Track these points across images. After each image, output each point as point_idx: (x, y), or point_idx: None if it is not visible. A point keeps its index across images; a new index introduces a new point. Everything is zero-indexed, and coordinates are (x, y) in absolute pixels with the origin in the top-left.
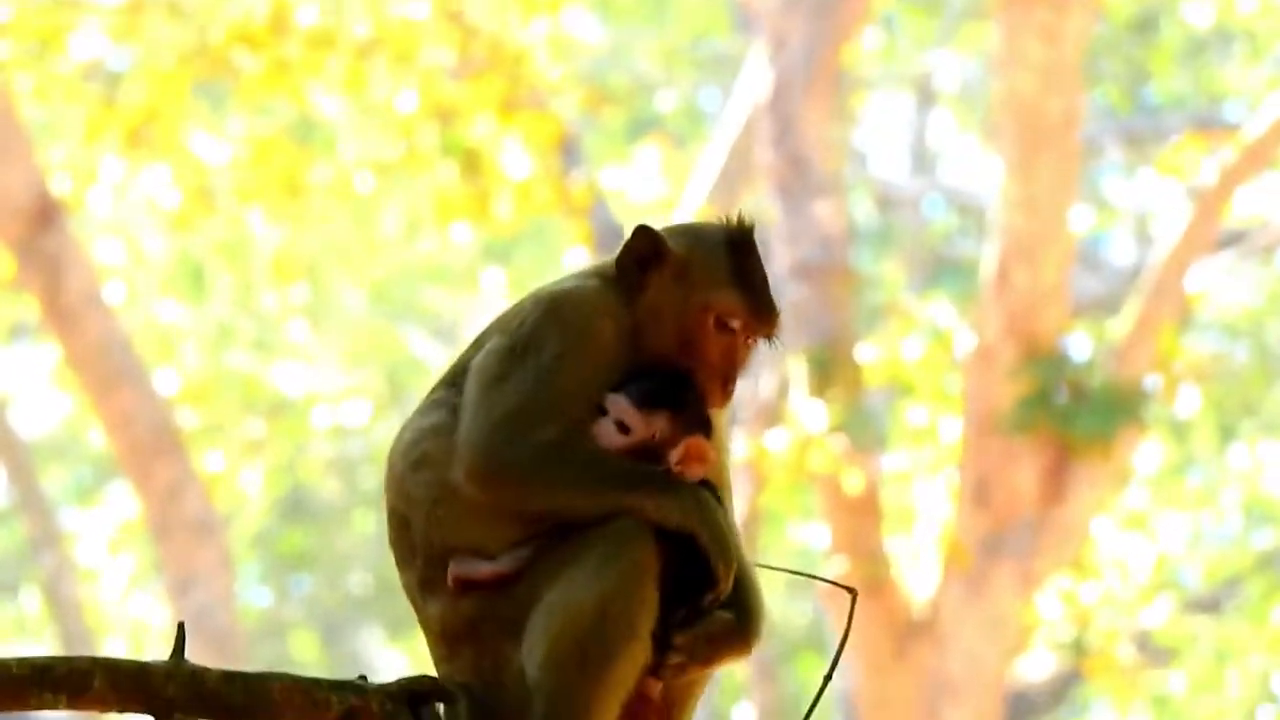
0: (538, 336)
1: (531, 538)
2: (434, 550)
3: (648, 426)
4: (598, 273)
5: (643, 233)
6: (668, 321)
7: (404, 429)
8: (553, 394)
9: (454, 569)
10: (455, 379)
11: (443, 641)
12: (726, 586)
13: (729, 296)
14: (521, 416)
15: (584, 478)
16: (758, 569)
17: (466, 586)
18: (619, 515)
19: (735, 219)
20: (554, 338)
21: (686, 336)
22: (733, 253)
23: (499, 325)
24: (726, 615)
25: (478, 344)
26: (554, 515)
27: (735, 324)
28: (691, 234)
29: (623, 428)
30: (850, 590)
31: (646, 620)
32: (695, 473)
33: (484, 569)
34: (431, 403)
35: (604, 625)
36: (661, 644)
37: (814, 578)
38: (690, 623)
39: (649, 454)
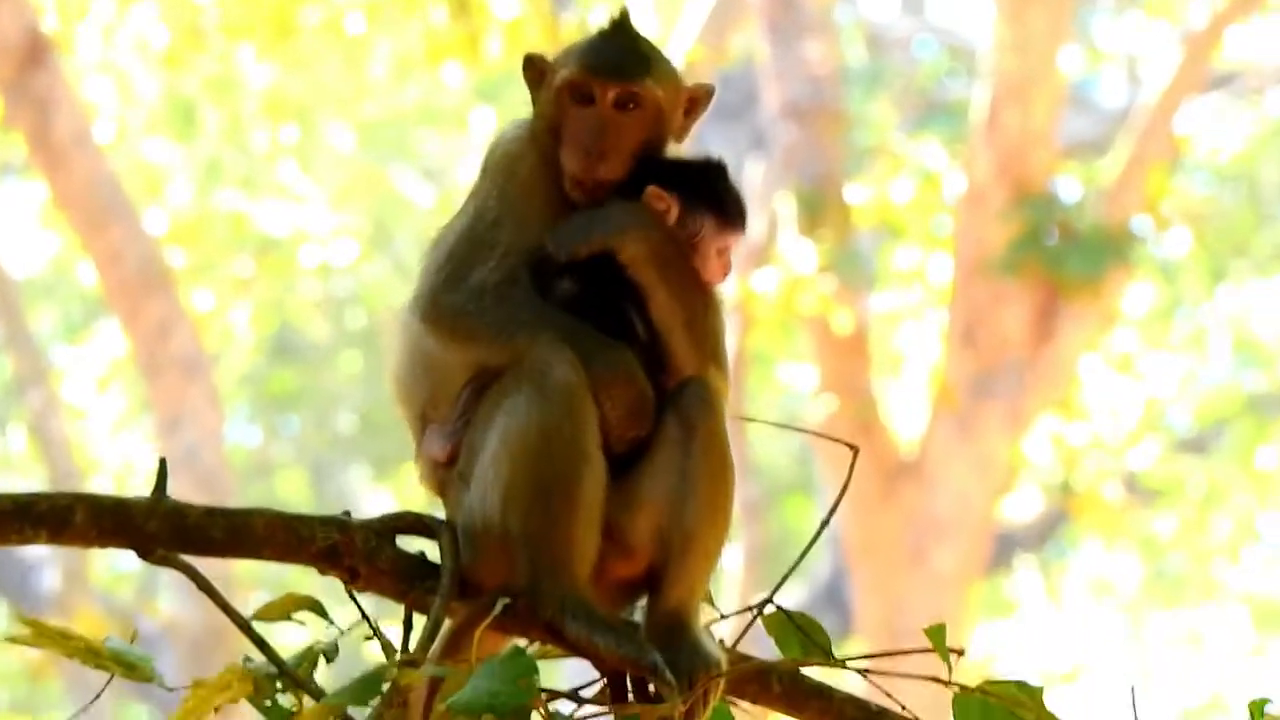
0: (475, 186)
1: (462, 406)
2: (414, 410)
3: (691, 224)
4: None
5: (527, 62)
6: (550, 122)
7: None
8: (486, 234)
9: (423, 451)
10: None
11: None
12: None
13: (572, 65)
14: (459, 259)
15: (520, 321)
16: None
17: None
18: (535, 349)
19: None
20: (485, 182)
21: (557, 123)
22: (590, 38)
23: None
24: None
25: None
26: (497, 361)
27: (581, 87)
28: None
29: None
30: (853, 447)
31: (593, 437)
32: (717, 278)
33: (438, 452)
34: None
35: (551, 454)
36: None
37: (814, 434)
38: None
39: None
